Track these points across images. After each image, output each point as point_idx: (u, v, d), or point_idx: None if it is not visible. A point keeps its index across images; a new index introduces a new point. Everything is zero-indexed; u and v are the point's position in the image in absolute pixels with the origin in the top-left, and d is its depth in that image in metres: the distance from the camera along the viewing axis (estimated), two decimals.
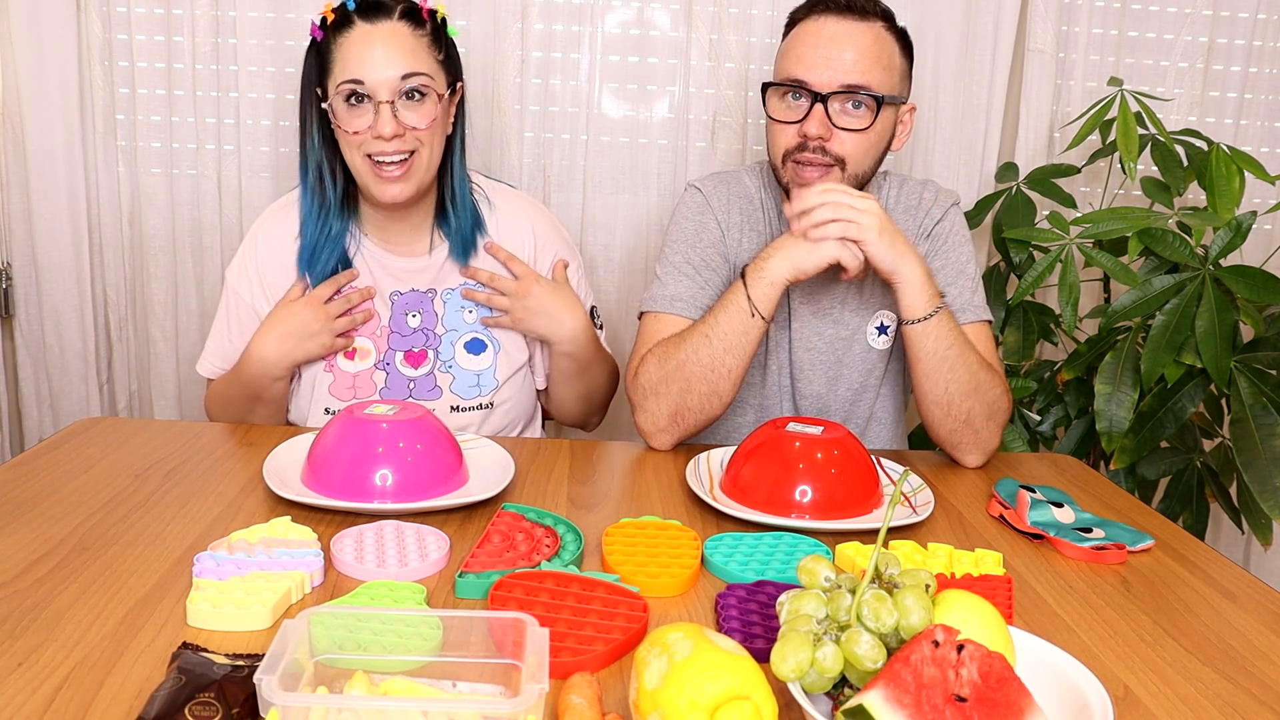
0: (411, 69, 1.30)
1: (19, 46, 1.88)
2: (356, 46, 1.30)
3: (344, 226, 1.42)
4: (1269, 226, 2.11)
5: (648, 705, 0.67)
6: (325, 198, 1.40)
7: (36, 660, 0.77)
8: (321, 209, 1.40)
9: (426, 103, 1.32)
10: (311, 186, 1.40)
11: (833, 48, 1.30)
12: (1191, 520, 1.83)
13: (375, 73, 1.29)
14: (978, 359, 1.32)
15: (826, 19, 1.31)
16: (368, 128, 1.30)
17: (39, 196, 1.94)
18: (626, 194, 2.05)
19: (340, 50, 1.31)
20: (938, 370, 1.30)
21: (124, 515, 1.05)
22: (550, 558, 0.98)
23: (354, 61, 1.30)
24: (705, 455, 1.30)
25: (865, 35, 1.30)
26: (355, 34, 1.31)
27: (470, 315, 1.47)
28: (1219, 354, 1.64)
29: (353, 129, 1.31)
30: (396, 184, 1.33)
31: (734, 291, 1.31)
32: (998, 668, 0.65)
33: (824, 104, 1.29)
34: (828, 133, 1.30)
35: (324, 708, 0.64)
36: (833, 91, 1.29)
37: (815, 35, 1.31)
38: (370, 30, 1.30)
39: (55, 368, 2.02)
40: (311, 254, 1.41)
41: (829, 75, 1.29)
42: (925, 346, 1.29)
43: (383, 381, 1.45)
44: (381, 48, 1.30)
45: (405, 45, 1.31)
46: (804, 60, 1.31)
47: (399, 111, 1.30)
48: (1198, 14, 2.01)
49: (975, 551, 1.04)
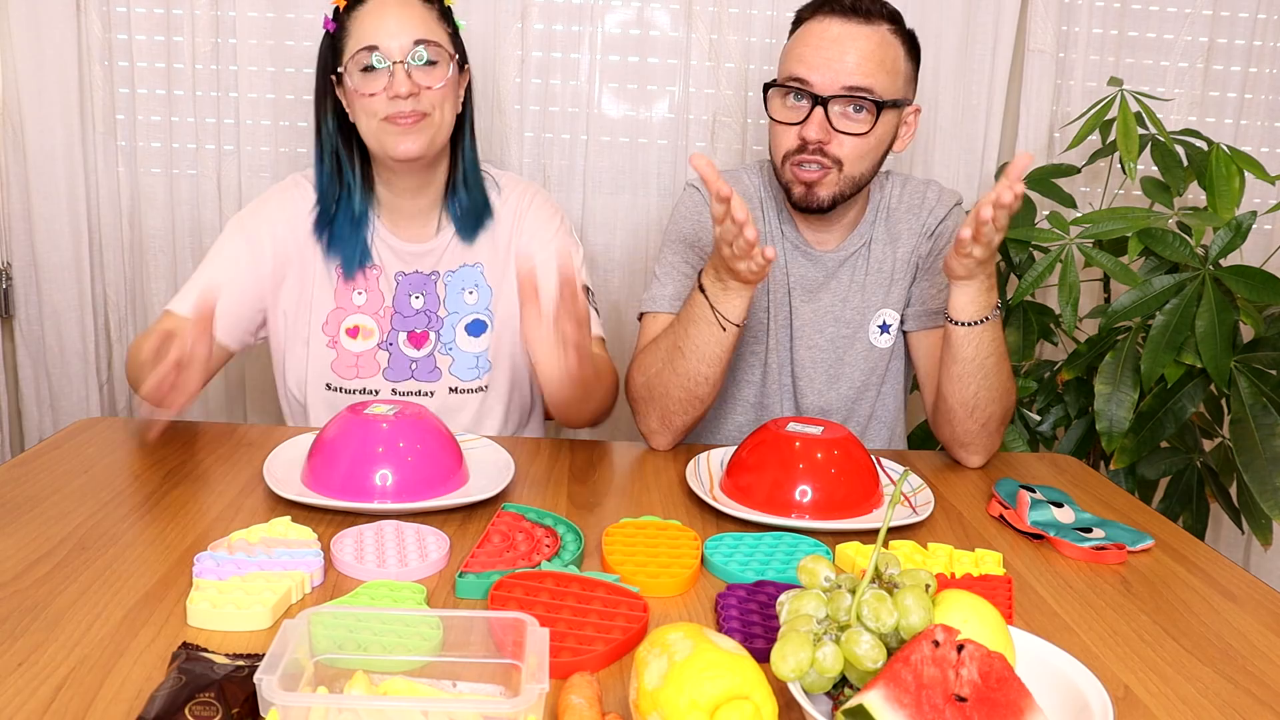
0: (423, 35, 1.34)
1: (19, 46, 1.88)
2: (370, 17, 1.34)
3: (365, 208, 1.45)
4: (1269, 226, 2.11)
5: (648, 705, 0.67)
6: (344, 181, 1.43)
7: (37, 660, 0.77)
8: (342, 191, 1.43)
9: (439, 67, 1.36)
10: (329, 173, 1.43)
11: (835, 49, 1.29)
12: (1191, 520, 1.83)
13: (389, 38, 1.33)
14: (1010, 368, 1.31)
15: (831, 20, 1.31)
16: (383, 89, 1.33)
17: (39, 196, 1.94)
18: (626, 194, 2.05)
19: (354, 24, 1.35)
20: (972, 375, 1.28)
21: (124, 515, 1.05)
22: (550, 558, 0.98)
23: (368, 30, 1.34)
24: (705, 455, 1.30)
25: (870, 38, 1.30)
26: (368, 6, 1.35)
27: (472, 296, 1.48)
28: (1219, 354, 1.64)
29: (369, 91, 1.33)
30: (409, 136, 1.34)
31: (697, 304, 1.26)
32: (998, 668, 0.65)
33: (824, 107, 1.29)
34: (827, 136, 1.30)
35: (324, 708, 0.64)
36: (833, 95, 1.29)
37: (819, 36, 1.31)
38: (382, 1, 1.35)
39: (55, 368, 2.02)
40: (338, 236, 1.43)
41: (830, 77, 1.29)
42: (967, 350, 1.26)
43: (385, 362, 1.46)
44: (394, 15, 1.34)
45: (416, 14, 1.35)
46: (806, 61, 1.31)
47: (413, 73, 1.33)
48: (1198, 14, 2.01)
49: (975, 551, 1.04)
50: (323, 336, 1.46)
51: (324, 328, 1.46)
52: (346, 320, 1.46)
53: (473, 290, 1.48)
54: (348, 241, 1.43)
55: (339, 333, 1.46)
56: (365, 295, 1.46)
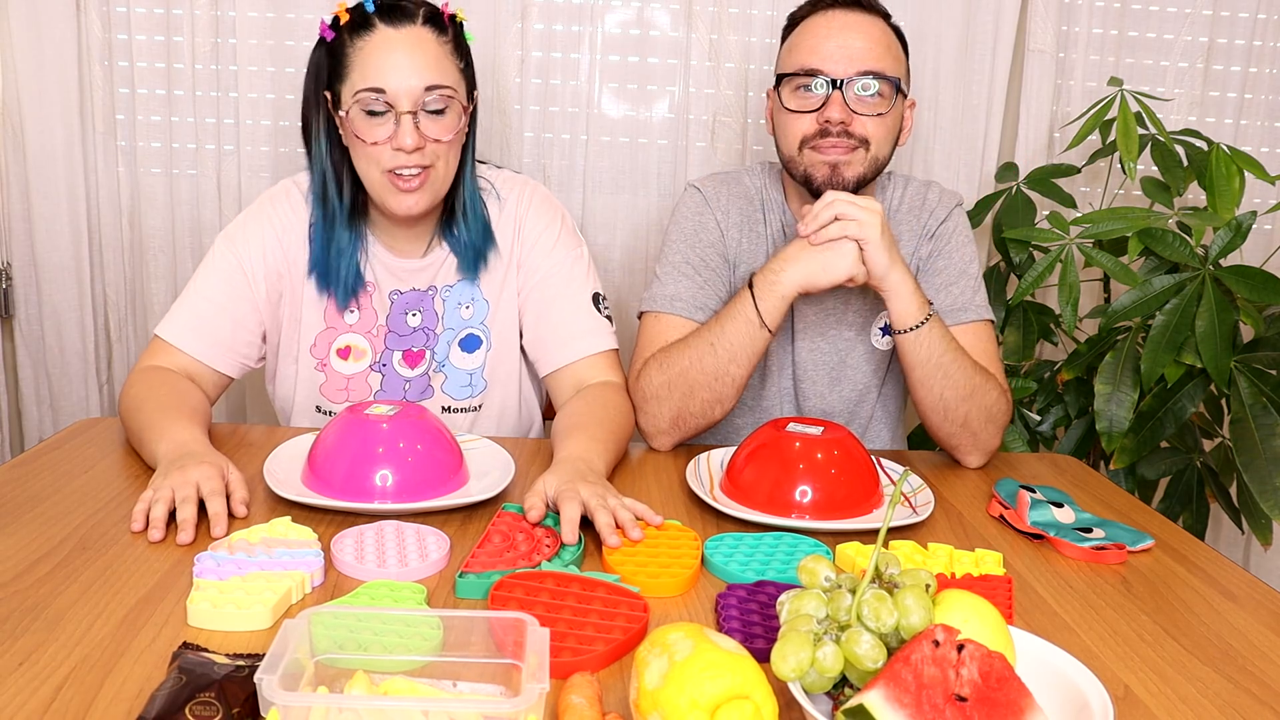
0: (436, 80, 1.24)
1: (19, 46, 1.88)
2: (378, 52, 1.23)
3: (353, 239, 1.36)
4: (1269, 226, 2.11)
5: (648, 705, 0.67)
6: (329, 209, 1.34)
7: (37, 660, 0.77)
8: (326, 220, 1.34)
9: (449, 115, 1.27)
10: (318, 195, 1.35)
11: (845, 36, 1.32)
12: (1191, 520, 1.83)
13: (398, 82, 1.22)
14: (972, 364, 1.32)
15: (834, 12, 1.34)
16: (388, 138, 1.24)
17: (39, 196, 1.94)
18: (626, 194, 2.05)
19: (359, 55, 1.24)
20: (931, 377, 1.31)
21: (124, 515, 1.05)
22: (550, 558, 0.98)
23: (374, 68, 1.23)
24: (705, 456, 1.30)
25: (873, 26, 1.34)
26: (376, 38, 1.24)
27: (468, 311, 1.42)
28: (1219, 354, 1.64)
29: (372, 139, 1.25)
30: (412, 195, 1.28)
31: (741, 302, 1.31)
32: (998, 668, 0.65)
33: (841, 91, 1.30)
34: (849, 117, 1.31)
35: (324, 708, 0.64)
36: (850, 76, 1.30)
37: (825, 26, 1.33)
38: (393, 35, 1.24)
39: (55, 368, 2.02)
40: (325, 269, 1.36)
41: (845, 62, 1.31)
42: (919, 354, 1.30)
43: (378, 384, 1.42)
44: (405, 55, 1.23)
45: (430, 54, 1.25)
46: (818, 51, 1.32)
47: (421, 123, 1.24)
48: (1198, 14, 2.01)
49: (975, 551, 1.04)
50: (310, 359, 1.40)
51: (312, 350, 1.40)
52: (337, 341, 1.41)
53: (469, 305, 1.42)
54: (334, 272, 1.35)
55: (329, 354, 1.41)
56: (358, 314, 1.40)
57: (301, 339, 1.40)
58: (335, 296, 1.37)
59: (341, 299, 1.37)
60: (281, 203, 1.39)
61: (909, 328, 1.29)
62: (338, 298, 1.37)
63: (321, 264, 1.36)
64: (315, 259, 1.36)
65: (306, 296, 1.39)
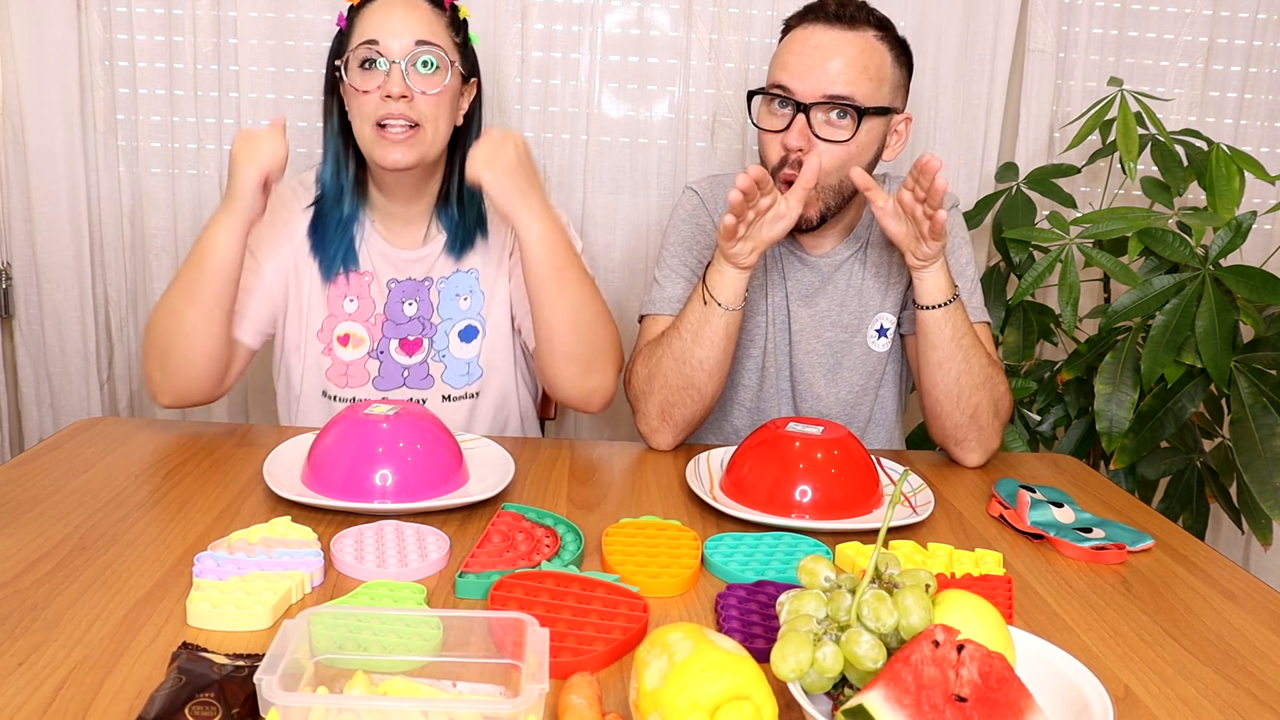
0: (426, 36, 1.33)
1: (19, 46, 1.88)
2: (376, 14, 1.34)
3: (354, 212, 1.44)
4: (1269, 226, 2.11)
5: (648, 705, 0.67)
6: (338, 182, 1.42)
7: (37, 660, 0.77)
8: (333, 192, 1.42)
9: (438, 73, 1.34)
10: (330, 174, 1.43)
11: (818, 57, 1.29)
12: (1191, 520, 1.83)
13: (390, 35, 1.32)
14: (986, 353, 1.33)
15: (816, 27, 1.31)
16: (377, 87, 1.32)
17: (39, 196, 1.94)
18: (626, 194, 2.05)
19: (361, 20, 1.35)
20: (951, 359, 1.30)
21: (124, 515, 1.05)
22: (550, 558, 0.98)
23: (371, 26, 1.33)
24: (705, 455, 1.30)
25: (853, 45, 1.30)
26: (376, 4, 1.35)
27: (465, 302, 1.47)
28: (1219, 354, 1.64)
29: (364, 88, 1.33)
30: (398, 148, 1.33)
31: (696, 286, 1.33)
32: (998, 668, 0.65)
33: (806, 114, 1.29)
34: (808, 144, 1.30)
35: (324, 708, 0.64)
36: (815, 102, 1.29)
37: (802, 44, 1.31)
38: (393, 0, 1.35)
39: (55, 368, 2.02)
40: (322, 237, 1.42)
41: (812, 85, 1.29)
42: (944, 333, 1.29)
43: (376, 370, 1.46)
44: (400, 14, 1.33)
45: (423, 16, 1.35)
46: (789, 68, 1.31)
47: (410, 77, 1.32)
48: (1198, 14, 2.01)
49: (975, 551, 1.04)
50: (318, 343, 1.46)
51: (319, 334, 1.46)
52: (338, 328, 1.46)
53: (466, 296, 1.47)
54: (330, 243, 1.42)
55: (332, 340, 1.46)
56: (357, 302, 1.45)
57: (308, 325, 1.45)
58: (321, 268, 1.42)
59: (326, 270, 1.42)
60: (286, 196, 1.46)
61: (939, 303, 1.28)
62: (323, 271, 1.42)
63: (318, 232, 1.42)
64: (312, 226, 1.43)
65: (312, 284, 1.44)
